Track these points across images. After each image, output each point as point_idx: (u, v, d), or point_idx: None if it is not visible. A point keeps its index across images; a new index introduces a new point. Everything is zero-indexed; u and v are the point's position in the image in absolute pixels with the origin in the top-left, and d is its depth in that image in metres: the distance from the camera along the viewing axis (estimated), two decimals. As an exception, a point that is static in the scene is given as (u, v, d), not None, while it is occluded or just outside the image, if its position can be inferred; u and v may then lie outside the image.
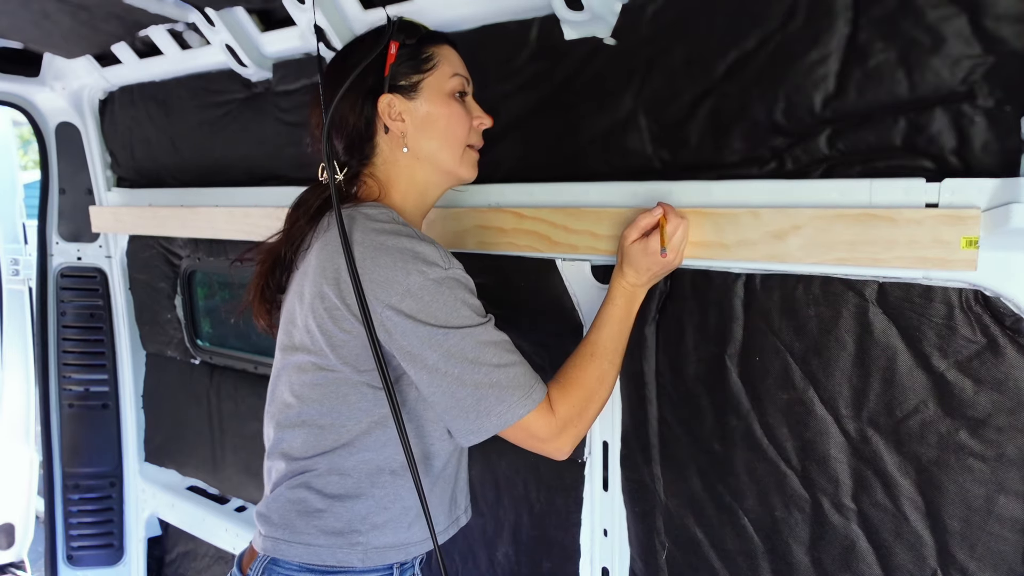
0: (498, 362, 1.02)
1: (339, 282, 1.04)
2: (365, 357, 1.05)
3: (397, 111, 1.14)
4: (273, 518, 1.13)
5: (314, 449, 1.11)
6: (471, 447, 1.16)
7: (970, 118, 0.97)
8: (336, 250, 1.05)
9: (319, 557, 1.09)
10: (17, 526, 3.12)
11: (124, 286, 2.54)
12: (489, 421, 1.02)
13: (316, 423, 1.10)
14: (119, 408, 2.63)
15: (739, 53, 1.14)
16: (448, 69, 1.18)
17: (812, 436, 1.15)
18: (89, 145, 2.44)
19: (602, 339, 1.17)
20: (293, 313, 1.13)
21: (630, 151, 1.29)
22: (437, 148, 1.17)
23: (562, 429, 1.07)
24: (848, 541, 1.13)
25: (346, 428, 1.09)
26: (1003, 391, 0.98)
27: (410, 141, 1.16)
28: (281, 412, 1.16)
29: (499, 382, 1.01)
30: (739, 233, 1.13)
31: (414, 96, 1.16)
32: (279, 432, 1.16)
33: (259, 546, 1.14)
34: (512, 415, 1.02)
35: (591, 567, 1.47)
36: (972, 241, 0.93)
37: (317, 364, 1.08)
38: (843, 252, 1.04)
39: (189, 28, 1.85)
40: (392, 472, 1.11)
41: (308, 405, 1.10)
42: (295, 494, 1.12)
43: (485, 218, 1.43)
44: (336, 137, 1.17)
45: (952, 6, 0.96)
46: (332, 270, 1.05)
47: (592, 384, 1.13)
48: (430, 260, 1.03)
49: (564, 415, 1.07)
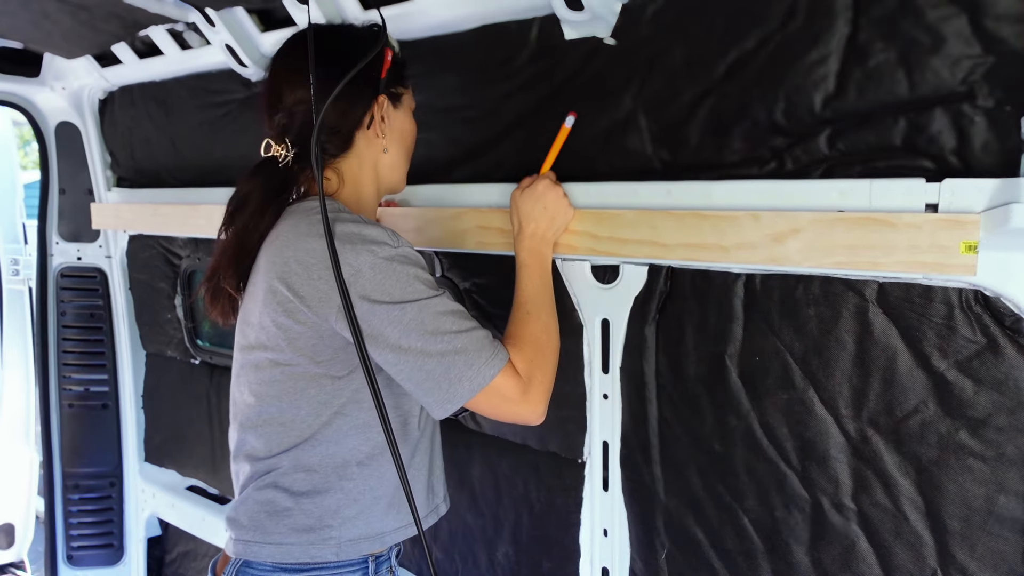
0: (458, 328, 1.03)
1: (289, 275, 1.05)
2: (322, 347, 1.06)
3: (385, 114, 1.19)
4: (242, 521, 1.12)
5: (277, 447, 1.11)
6: (470, 448, 1.16)
7: (970, 118, 0.97)
8: (286, 244, 1.07)
9: (292, 555, 1.09)
10: (17, 526, 3.12)
11: (124, 286, 2.54)
12: (461, 387, 1.02)
13: (277, 420, 1.10)
14: (119, 408, 2.63)
15: (739, 53, 1.14)
16: (411, 90, 1.27)
17: (812, 436, 1.15)
18: (89, 145, 2.44)
19: (530, 297, 1.20)
20: (248, 312, 1.13)
21: (630, 151, 1.29)
22: (401, 159, 1.25)
23: (528, 385, 1.07)
24: (848, 541, 1.13)
25: (306, 423, 1.09)
26: (1003, 391, 0.98)
27: (388, 144, 1.21)
28: (242, 413, 1.16)
29: (464, 348, 1.02)
30: (739, 236, 1.13)
31: (398, 106, 1.22)
32: (242, 433, 1.16)
33: (231, 550, 1.14)
34: (483, 377, 1.02)
35: (591, 567, 1.47)
36: (971, 246, 0.93)
37: (275, 360, 1.08)
38: (842, 256, 1.04)
39: (189, 28, 1.85)
40: (359, 463, 1.11)
41: (267, 403, 1.10)
42: (262, 495, 1.11)
43: (486, 218, 1.43)
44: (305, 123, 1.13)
45: (952, 6, 0.96)
46: (280, 263, 1.06)
47: (540, 336, 1.15)
48: (378, 240, 1.04)
49: (525, 370, 1.08)
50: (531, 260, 1.25)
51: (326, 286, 1.02)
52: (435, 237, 1.52)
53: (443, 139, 1.55)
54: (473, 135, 1.50)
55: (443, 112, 1.54)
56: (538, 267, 1.24)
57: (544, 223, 1.26)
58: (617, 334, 1.35)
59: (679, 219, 1.19)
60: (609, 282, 1.35)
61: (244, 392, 1.15)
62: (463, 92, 1.50)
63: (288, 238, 1.08)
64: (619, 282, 1.33)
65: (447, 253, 1.59)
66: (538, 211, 1.26)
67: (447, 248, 1.52)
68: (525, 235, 1.26)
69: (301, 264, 1.04)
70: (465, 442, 1.64)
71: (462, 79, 1.50)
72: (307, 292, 1.03)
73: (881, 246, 1.00)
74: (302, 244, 1.05)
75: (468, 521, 1.68)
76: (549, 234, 1.27)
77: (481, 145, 1.50)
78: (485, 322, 1.58)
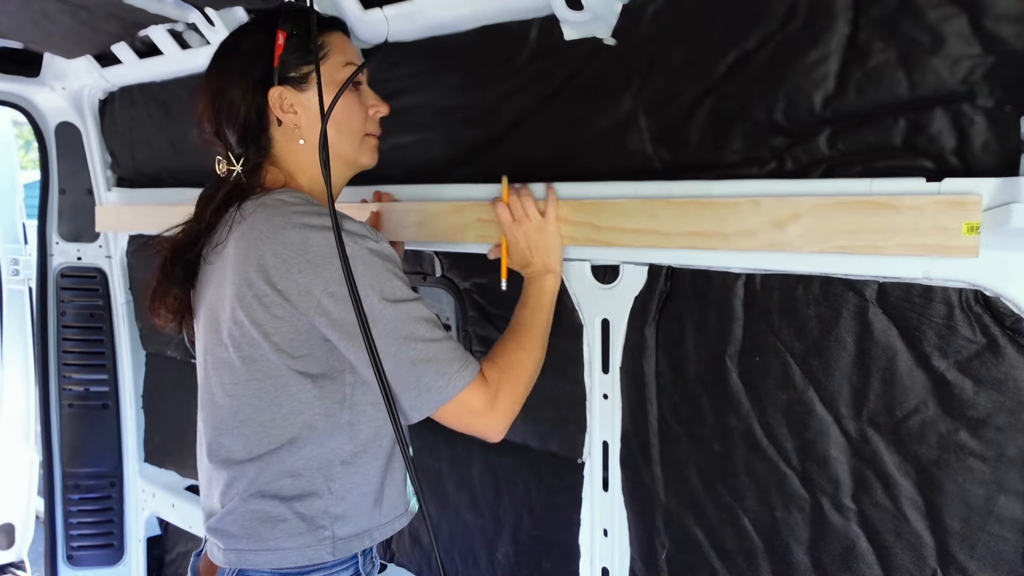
0: (431, 337, 1.02)
1: (265, 268, 1.02)
2: (299, 342, 1.04)
3: (289, 103, 1.12)
4: (232, 530, 1.10)
5: (258, 449, 1.08)
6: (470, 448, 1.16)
7: (970, 118, 0.97)
8: (259, 237, 1.03)
9: (290, 560, 1.08)
10: (17, 526, 3.12)
11: (124, 286, 2.54)
12: (431, 396, 1.01)
13: (255, 421, 1.07)
14: (119, 408, 2.63)
15: (739, 53, 1.14)
16: (340, 58, 1.16)
17: (812, 436, 1.15)
18: (89, 145, 2.44)
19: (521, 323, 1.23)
20: (216, 309, 1.10)
21: (630, 151, 1.29)
22: (335, 140, 1.13)
23: (495, 398, 1.06)
24: (848, 541, 1.13)
25: (288, 422, 1.06)
26: (1003, 391, 0.98)
27: (305, 133, 1.14)
28: (214, 415, 1.12)
29: (436, 356, 1.01)
30: (739, 222, 1.12)
31: (305, 87, 1.13)
32: (216, 436, 1.12)
33: (221, 560, 1.11)
34: (453, 387, 1.02)
35: (591, 567, 1.47)
36: (973, 227, 0.93)
37: (250, 356, 1.05)
38: (844, 240, 1.03)
39: (189, 28, 1.84)
40: (343, 462, 1.10)
41: (244, 403, 1.07)
42: (251, 505, 1.09)
43: (487, 211, 1.43)
44: (228, 128, 1.14)
45: (952, 6, 0.96)
46: (256, 256, 1.03)
47: (521, 358, 1.15)
48: (360, 234, 1.02)
49: (494, 384, 1.07)
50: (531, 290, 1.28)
51: (305, 279, 1.00)
52: (436, 231, 1.51)
53: (443, 139, 1.55)
54: (473, 135, 1.50)
55: (443, 112, 1.53)
56: (534, 297, 1.27)
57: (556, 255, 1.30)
58: (617, 334, 1.35)
59: (680, 207, 1.19)
60: (609, 282, 1.35)
61: (216, 393, 1.11)
62: (463, 92, 1.50)
63: (261, 231, 1.04)
64: (619, 282, 1.33)
65: (447, 253, 1.59)
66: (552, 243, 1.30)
67: (448, 241, 1.51)
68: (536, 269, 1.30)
69: (278, 257, 1.01)
70: (465, 442, 1.64)
71: (462, 79, 1.50)
72: (285, 285, 1.01)
73: (882, 229, 1.00)
74: (278, 236, 1.02)
75: (468, 521, 1.68)
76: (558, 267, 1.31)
77: (481, 145, 1.50)
78: (485, 322, 1.58)
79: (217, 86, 1.14)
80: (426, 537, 1.77)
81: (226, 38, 1.20)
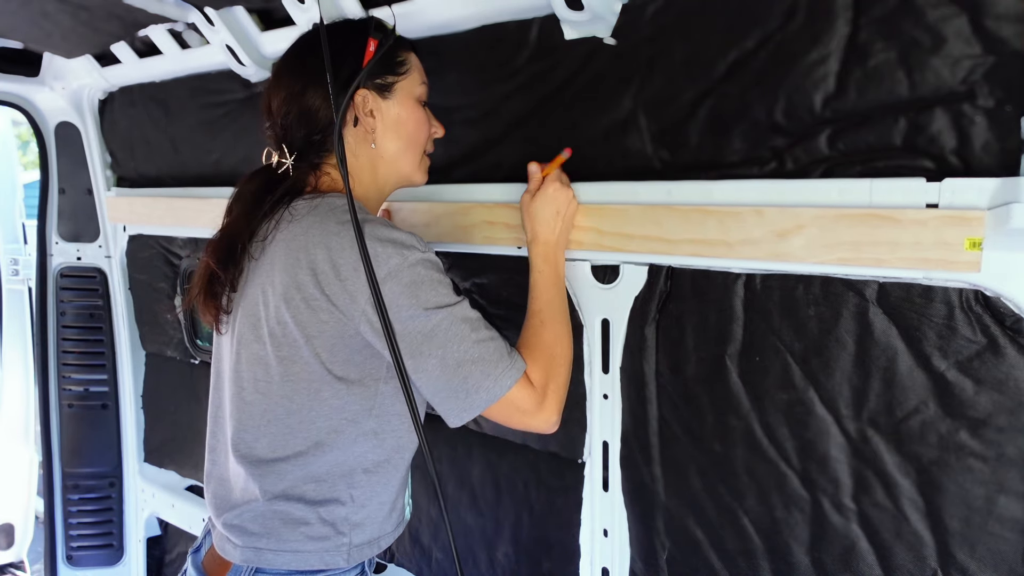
0: (478, 338, 1.03)
1: (316, 272, 1.03)
2: (340, 347, 1.05)
3: (369, 107, 1.16)
4: (252, 528, 1.11)
5: (283, 450, 1.09)
6: (470, 448, 1.16)
7: (970, 118, 0.97)
8: (312, 241, 1.05)
9: (307, 562, 1.09)
10: (17, 526, 3.12)
11: (124, 286, 2.54)
12: (478, 397, 1.02)
13: (283, 421, 1.08)
14: (119, 408, 2.63)
15: (739, 53, 1.14)
16: (418, 76, 1.22)
17: (812, 436, 1.15)
18: (89, 145, 2.44)
19: (544, 306, 1.20)
20: (257, 305, 1.10)
21: (630, 151, 1.29)
22: (401, 151, 1.20)
23: (543, 396, 1.07)
24: (848, 541, 1.13)
25: (316, 426, 1.07)
26: (1003, 391, 0.98)
27: (378, 138, 1.17)
28: (242, 410, 1.13)
29: (482, 357, 1.02)
30: (743, 232, 1.13)
31: (388, 96, 1.18)
32: (240, 432, 1.13)
33: (237, 557, 1.12)
34: (500, 387, 1.02)
35: (591, 567, 1.47)
36: (976, 243, 0.93)
37: (288, 357, 1.06)
38: (846, 252, 1.04)
39: (189, 28, 1.85)
40: (365, 471, 1.11)
41: (275, 402, 1.08)
42: (275, 505, 1.10)
43: (492, 214, 1.43)
44: (300, 123, 1.15)
45: (952, 6, 0.96)
46: (308, 260, 1.04)
47: (554, 345, 1.14)
48: (408, 244, 1.04)
49: (540, 381, 1.08)
50: (546, 267, 1.24)
51: (353, 286, 1.01)
52: (443, 232, 1.52)
53: (443, 139, 1.54)
54: (473, 135, 1.50)
55: (443, 112, 1.53)
56: (552, 274, 1.24)
57: (559, 229, 1.26)
58: (617, 334, 1.35)
59: (683, 215, 1.19)
60: (609, 282, 1.35)
61: (247, 388, 1.12)
62: (463, 92, 1.50)
63: (315, 234, 1.05)
64: (619, 282, 1.33)
65: (448, 253, 1.59)
66: (551, 215, 1.25)
67: (454, 243, 1.51)
68: (539, 242, 1.25)
69: (330, 262, 1.02)
70: (465, 442, 1.64)
71: (462, 79, 1.50)
72: (334, 291, 1.02)
73: (885, 243, 1.00)
74: (332, 241, 1.03)
75: (468, 521, 1.68)
76: (563, 240, 1.27)
77: (481, 145, 1.50)
78: (485, 322, 1.58)
79: (294, 82, 1.14)
80: (426, 537, 1.77)
81: (301, 39, 1.20)
